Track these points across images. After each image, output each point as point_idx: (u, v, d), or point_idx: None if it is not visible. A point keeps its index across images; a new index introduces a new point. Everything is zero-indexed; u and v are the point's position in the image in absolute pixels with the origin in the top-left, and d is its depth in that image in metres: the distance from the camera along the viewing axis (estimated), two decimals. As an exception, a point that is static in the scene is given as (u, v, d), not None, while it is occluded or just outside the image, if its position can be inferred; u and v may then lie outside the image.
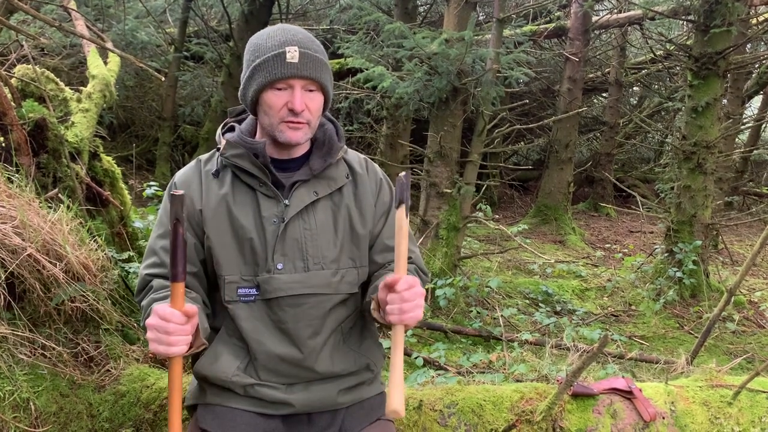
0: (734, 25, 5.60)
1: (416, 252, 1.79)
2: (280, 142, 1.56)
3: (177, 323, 1.35)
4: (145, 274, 1.60)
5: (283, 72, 1.50)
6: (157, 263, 1.60)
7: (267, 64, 1.51)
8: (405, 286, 1.40)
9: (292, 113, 1.52)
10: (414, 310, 1.41)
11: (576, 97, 9.68)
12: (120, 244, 2.97)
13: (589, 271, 7.05)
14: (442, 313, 5.02)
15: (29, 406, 1.88)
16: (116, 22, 8.27)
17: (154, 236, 1.63)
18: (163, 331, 1.35)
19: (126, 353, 2.20)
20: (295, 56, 1.49)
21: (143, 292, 1.60)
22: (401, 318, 1.41)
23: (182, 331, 1.36)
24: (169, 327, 1.35)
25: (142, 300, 1.60)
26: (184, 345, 1.38)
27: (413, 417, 2.04)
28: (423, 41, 5.00)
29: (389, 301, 1.42)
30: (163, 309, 1.36)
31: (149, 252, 1.63)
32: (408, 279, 1.41)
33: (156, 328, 1.35)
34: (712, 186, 6.04)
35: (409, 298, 1.40)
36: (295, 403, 1.59)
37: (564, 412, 2.07)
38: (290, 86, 1.52)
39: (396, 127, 7.89)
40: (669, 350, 4.73)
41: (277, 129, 1.54)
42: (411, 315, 1.41)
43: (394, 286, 1.40)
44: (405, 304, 1.40)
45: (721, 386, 2.19)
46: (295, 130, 1.53)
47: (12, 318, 1.97)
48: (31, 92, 2.77)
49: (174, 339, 1.35)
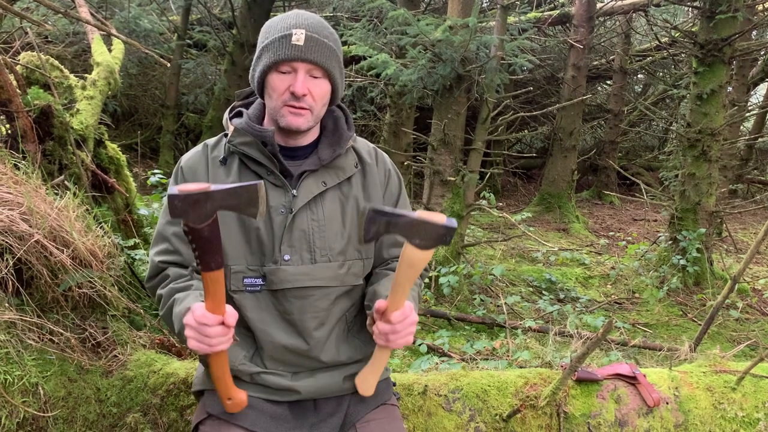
0: (740, 11, 5.56)
1: None
2: (282, 127, 1.54)
3: (217, 331, 1.35)
4: (158, 262, 1.59)
5: (287, 54, 1.47)
6: (170, 250, 1.58)
7: (273, 45, 1.49)
8: (400, 318, 1.41)
9: (293, 97, 1.49)
10: (403, 338, 1.44)
11: (580, 85, 9.64)
12: (126, 231, 2.98)
13: (593, 258, 7.06)
14: (446, 301, 5.04)
15: (38, 390, 1.90)
16: (119, 9, 8.25)
17: (164, 222, 1.61)
18: (204, 333, 1.35)
19: (133, 339, 2.21)
20: (301, 39, 1.47)
21: (157, 279, 1.59)
22: (387, 344, 1.45)
23: (223, 332, 1.36)
24: (209, 331, 1.34)
25: (157, 287, 1.59)
26: (224, 345, 1.38)
27: (418, 402, 2.06)
28: (427, 28, 4.98)
29: (379, 329, 1.44)
30: (202, 314, 1.34)
31: (159, 238, 1.61)
32: (404, 310, 1.42)
33: (196, 330, 1.35)
34: (717, 174, 6.02)
35: (399, 330, 1.42)
36: (301, 390, 1.60)
37: (568, 397, 2.08)
38: (294, 69, 1.49)
39: (399, 115, 7.88)
40: (672, 337, 4.74)
41: (279, 113, 1.52)
42: (398, 343, 1.44)
43: (388, 316, 1.42)
44: (393, 335, 1.42)
45: (725, 372, 2.20)
46: (296, 116, 1.51)
47: (20, 304, 1.98)
48: (36, 79, 2.77)
49: (215, 341, 1.36)
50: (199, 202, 1.23)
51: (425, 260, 1.33)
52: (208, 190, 1.23)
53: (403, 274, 1.36)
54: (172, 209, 1.22)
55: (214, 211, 1.25)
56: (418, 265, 1.34)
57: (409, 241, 1.31)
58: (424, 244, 1.31)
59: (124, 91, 8.67)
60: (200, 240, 1.27)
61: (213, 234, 1.27)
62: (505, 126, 5.98)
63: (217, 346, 1.36)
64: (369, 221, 1.30)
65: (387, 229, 1.31)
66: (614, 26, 11.85)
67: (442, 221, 1.29)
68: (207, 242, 1.27)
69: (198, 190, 1.22)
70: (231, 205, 1.27)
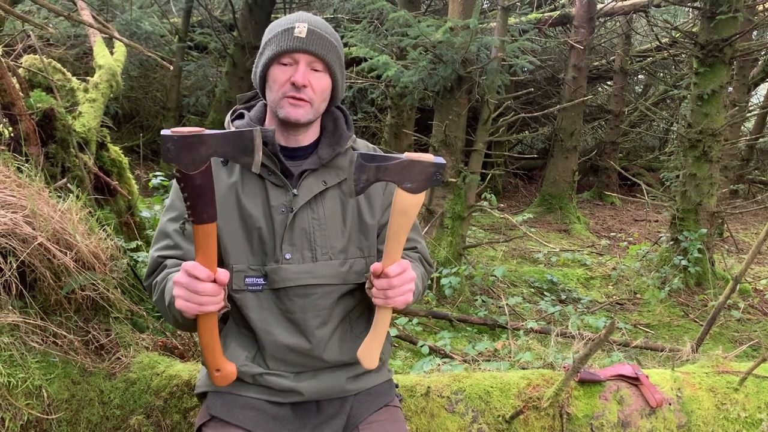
0: (740, 12, 5.56)
1: (421, 242, 1.79)
2: (281, 118, 1.55)
3: (208, 288, 1.32)
4: (158, 256, 1.58)
5: (289, 45, 1.50)
6: (170, 245, 1.58)
7: (275, 38, 1.53)
8: (397, 270, 1.40)
9: (294, 87, 1.51)
10: (402, 295, 1.41)
11: (581, 86, 9.64)
12: (128, 233, 2.99)
13: (594, 259, 7.06)
14: (448, 302, 5.04)
15: (41, 393, 1.90)
16: (120, 12, 8.26)
17: (165, 219, 1.61)
18: (194, 289, 1.32)
19: (136, 341, 2.21)
20: (303, 31, 1.50)
21: (155, 272, 1.58)
22: (386, 302, 1.42)
23: (214, 290, 1.33)
24: (200, 287, 1.31)
25: (153, 279, 1.58)
26: (215, 306, 1.35)
27: (421, 403, 2.06)
28: (428, 29, 4.99)
29: (377, 285, 1.42)
30: (194, 265, 1.31)
31: (161, 235, 1.61)
32: (401, 263, 1.40)
33: (185, 286, 1.32)
34: (718, 174, 6.01)
35: (397, 285, 1.40)
36: (303, 391, 1.60)
37: (571, 398, 2.08)
38: (295, 61, 1.52)
39: (400, 117, 7.88)
40: (674, 338, 4.74)
41: (279, 104, 1.54)
42: (397, 300, 1.41)
43: (385, 270, 1.39)
44: (392, 291, 1.40)
45: (728, 372, 2.20)
46: (295, 107, 1.52)
47: (24, 306, 1.98)
48: (38, 82, 2.77)
49: (205, 299, 1.32)
50: (193, 146, 1.22)
51: (417, 205, 1.32)
52: (201, 134, 1.23)
53: (397, 223, 1.34)
54: (165, 152, 1.22)
55: (208, 157, 1.25)
56: (410, 212, 1.33)
57: (400, 185, 1.31)
58: (415, 187, 1.31)
59: (125, 93, 8.68)
60: (193, 188, 1.25)
61: (206, 182, 1.26)
62: (506, 127, 5.98)
63: (207, 305, 1.33)
64: (358, 169, 1.28)
65: (377, 175, 1.30)
66: (615, 27, 11.86)
67: (431, 159, 1.30)
68: (200, 190, 1.26)
69: (192, 133, 1.22)
70: (225, 152, 1.27)
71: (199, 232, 1.29)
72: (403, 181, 1.30)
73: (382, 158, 1.31)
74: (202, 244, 1.30)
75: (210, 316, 1.38)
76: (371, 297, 1.45)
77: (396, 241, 1.37)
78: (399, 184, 1.31)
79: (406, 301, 1.43)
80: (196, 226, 1.28)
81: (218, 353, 1.44)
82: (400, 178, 1.30)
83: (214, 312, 1.38)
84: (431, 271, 1.81)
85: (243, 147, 1.27)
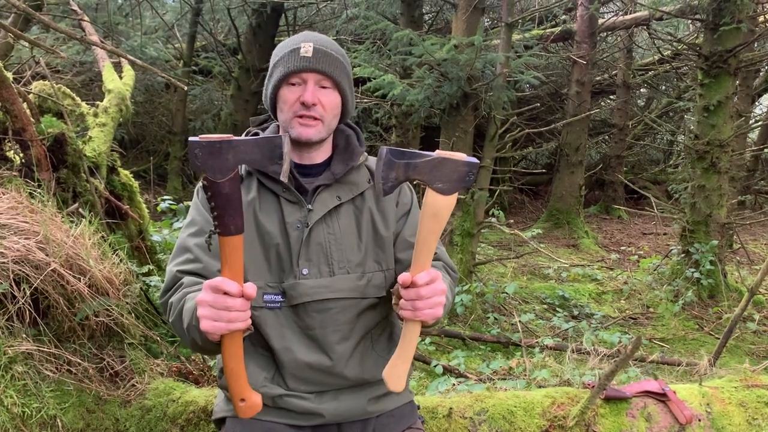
0: (744, 23, 5.57)
1: (441, 248, 1.75)
2: (293, 138, 1.54)
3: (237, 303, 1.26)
4: (177, 271, 1.53)
5: (296, 65, 1.51)
6: (190, 259, 1.54)
7: (283, 59, 1.54)
8: (426, 279, 1.32)
9: (303, 107, 1.51)
10: (431, 307, 1.32)
11: (584, 100, 9.66)
12: (139, 257, 2.96)
13: (605, 274, 7.00)
14: (460, 320, 4.99)
15: (56, 423, 1.86)
16: (125, 38, 8.33)
17: (185, 235, 1.58)
18: (221, 305, 1.26)
19: (151, 367, 2.18)
20: (309, 51, 1.51)
21: (172, 289, 1.53)
22: (415, 315, 1.33)
23: (242, 305, 1.28)
24: (229, 302, 1.26)
25: (169, 298, 1.52)
26: (242, 323, 1.29)
27: (443, 425, 2.01)
28: (432, 48, 5.00)
29: (405, 296, 1.33)
30: (222, 280, 1.26)
31: (181, 250, 1.57)
32: (431, 272, 1.33)
33: (211, 303, 1.26)
34: (727, 185, 5.98)
35: (426, 295, 1.31)
36: (325, 413, 1.56)
37: (597, 416, 2.03)
38: (304, 81, 1.52)
39: (405, 136, 7.89)
40: (690, 352, 4.67)
41: (290, 124, 1.54)
42: (426, 312, 1.32)
43: (413, 279, 1.31)
44: (421, 302, 1.31)
45: (757, 386, 2.14)
46: (307, 127, 1.53)
47: (37, 334, 1.96)
48: (48, 108, 2.77)
49: (234, 315, 1.26)
50: (221, 152, 1.20)
51: (449, 207, 1.25)
52: (230, 139, 1.20)
53: (427, 227, 1.26)
54: (192, 159, 1.19)
55: (236, 164, 1.22)
56: (442, 214, 1.25)
57: (431, 185, 1.23)
58: (447, 188, 1.24)
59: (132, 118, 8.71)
60: (220, 197, 1.22)
61: (233, 192, 1.23)
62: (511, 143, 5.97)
63: (236, 322, 1.27)
64: (387, 166, 1.22)
65: (406, 173, 1.23)
66: (616, 41, 11.91)
67: (464, 158, 1.23)
68: (227, 200, 1.23)
69: (220, 139, 1.19)
70: (253, 159, 1.24)
71: (225, 245, 1.25)
72: (433, 180, 1.23)
73: (412, 155, 1.24)
74: (229, 258, 1.26)
75: (235, 338, 1.33)
76: (398, 311, 1.38)
77: (426, 247, 1.29)
78: (429, 184, 1.24)
79: (435, 316, 1.35)
80: (223, 238, 1.25)
81: (243, 380, 1.38)
82: (430, 177, 1.23)
83: (240, 332, 1.33)
84: (456, 278, 1.75)
85: (272, 154, 1.25)
